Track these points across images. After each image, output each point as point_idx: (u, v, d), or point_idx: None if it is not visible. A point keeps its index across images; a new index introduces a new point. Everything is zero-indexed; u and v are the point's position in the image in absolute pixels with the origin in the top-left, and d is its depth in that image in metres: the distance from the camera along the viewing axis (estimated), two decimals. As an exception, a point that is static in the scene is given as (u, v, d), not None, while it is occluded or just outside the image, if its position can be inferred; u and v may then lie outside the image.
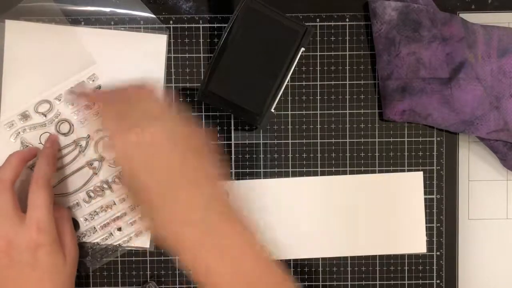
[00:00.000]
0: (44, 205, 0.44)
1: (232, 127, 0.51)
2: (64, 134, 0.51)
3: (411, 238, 0.51)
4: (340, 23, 0.51)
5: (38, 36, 0.50)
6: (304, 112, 0.51)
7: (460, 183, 0.52)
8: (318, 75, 0.51)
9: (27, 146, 0.50)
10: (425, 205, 0.51)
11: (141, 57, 0.50)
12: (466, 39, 0.48)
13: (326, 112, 0.51)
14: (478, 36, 0.49)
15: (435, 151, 0.51)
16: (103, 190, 0.51)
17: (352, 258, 0.51)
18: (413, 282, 0.51)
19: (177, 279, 0.51)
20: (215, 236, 0.37)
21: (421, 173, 0.51)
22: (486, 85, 0.48)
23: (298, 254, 0.51)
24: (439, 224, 0.51)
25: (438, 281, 0.52)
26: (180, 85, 0.51)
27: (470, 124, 0.48)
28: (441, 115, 0.48)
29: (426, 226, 0.51)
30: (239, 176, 0.51)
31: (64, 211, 0.48)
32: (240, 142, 0.51)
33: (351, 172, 0.51)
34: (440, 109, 0.48)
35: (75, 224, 0.51)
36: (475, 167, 0.52)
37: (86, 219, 0.51)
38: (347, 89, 0.51)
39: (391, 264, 0.50)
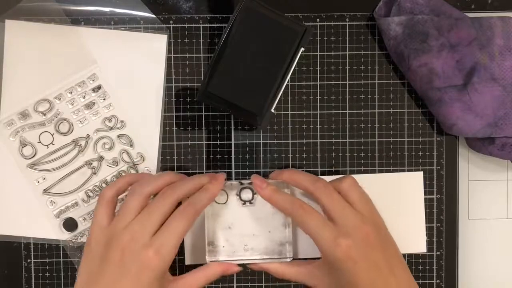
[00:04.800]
0: (178, 236, 0.42)
1: (232, 127, 0.51)
2: (63, 134, 0.51)
3: (411, 238, 0.51)
4: (340, 23, 0.51)
5: (38, 36, 0.50)
6: (304, 112, 0.51)
7: (460, 183, 0.52)
8: (318, 75, 0.51)
9: (26, 145, 0.50)
10: (425, 205, 0.51)
11: (141, 57, 0.50)
12: (477, 40, 0.47)
13: (326, 112, 0.51)
14: (495, 30, 0.47)
15: (435, 151, 0.51)
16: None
17: (352, 258, 0.51)
18: (413, 282, 0.51)
19: (177, 279, 0.51)
20: None
21: (421, 173, 0.51)
22: (505, 83, 0.47)
23: (298, 254, 0.51)
24: (439, 224, 0.51)
25: (438, 281, 0.51)
26: (180, 85, 0.51)
27: (494, 126, 0.48)
28: (466, 123, 0.48)
29: (426, 226, 0.51)
30: (239, 176, 0.51)
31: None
32: (240, 142, 0.51)
33: (351, 172, 0.51)
34: (464, 116, 0.48)
35: (74, 225, 0.51)
36: (475, 167, 0.52)
37: (84, 219, 0.51)
38: (347, 89, 0.51)
39: (391, 264, 0.50)
